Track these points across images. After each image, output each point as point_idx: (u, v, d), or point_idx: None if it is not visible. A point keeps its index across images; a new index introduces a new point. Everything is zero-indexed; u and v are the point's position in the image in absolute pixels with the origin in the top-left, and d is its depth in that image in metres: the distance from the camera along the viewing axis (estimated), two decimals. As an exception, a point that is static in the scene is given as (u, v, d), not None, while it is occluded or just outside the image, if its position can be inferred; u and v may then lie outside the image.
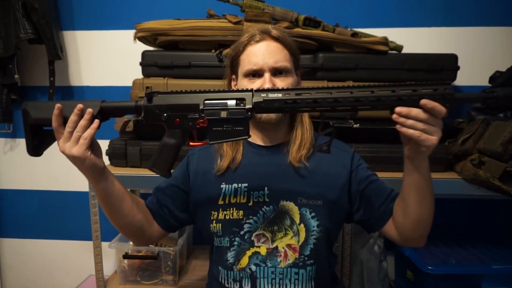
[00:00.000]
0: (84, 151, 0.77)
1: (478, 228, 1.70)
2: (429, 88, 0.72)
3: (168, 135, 0.81)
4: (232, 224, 0.93)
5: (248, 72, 0.93)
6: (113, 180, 0.86)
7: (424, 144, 0.71)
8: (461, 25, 1.63)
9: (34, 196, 1.90)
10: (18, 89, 1.77)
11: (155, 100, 0.80)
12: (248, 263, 0.92)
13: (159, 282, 1.45)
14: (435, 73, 1.37)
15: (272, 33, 0.93)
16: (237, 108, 0.77)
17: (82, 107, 0.77)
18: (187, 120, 0.79)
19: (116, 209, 0.88)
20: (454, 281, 1.31)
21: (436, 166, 1.32)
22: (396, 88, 0.73)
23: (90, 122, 0.77)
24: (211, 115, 0.77)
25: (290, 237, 0.91)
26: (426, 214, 0.84)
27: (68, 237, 1.92)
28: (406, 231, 0.88)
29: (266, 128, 0.98)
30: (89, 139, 0.76)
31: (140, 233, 0.96)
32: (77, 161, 0.78)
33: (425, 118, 0.70)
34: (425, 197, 0.82)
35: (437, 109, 0.70)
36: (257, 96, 0.77)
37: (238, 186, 0.95)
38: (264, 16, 1.34)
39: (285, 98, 0.75)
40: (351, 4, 1.65)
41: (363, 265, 1.51)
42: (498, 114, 1.37)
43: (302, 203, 0.92)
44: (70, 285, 1.89)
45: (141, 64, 1.42)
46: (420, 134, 0.70)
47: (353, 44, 1.37)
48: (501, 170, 1.15)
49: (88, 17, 1.75)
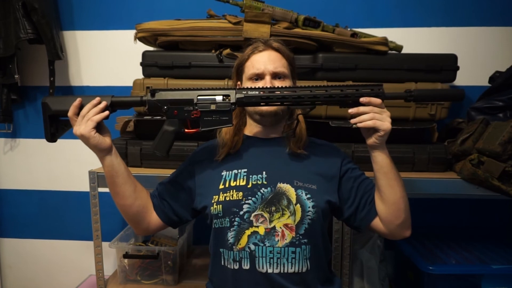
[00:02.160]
0: (90, 130, 0.92)
1: (477, 228, 1.70)
2: (368, 88, 0.93)
3: (167, 123, 0.98)
4: (232, 205, 0.99)
5: (251, 75, 1.06)
6: (119, 162, 0.99)
7: (381, 128, 0.90)
8: (461, 25, 1.63)
9: (34, 196, 1.90)
10: (18, 89, 1.77)
11: (157, 95, 0.98)
12: (247, 242, 0.97)
13: (159, 281, 1.45)
14: (435, 73, 1.38)
15: (273, 44, 1.08)
16: (224, 102, 0.97)
17: (99, 99, 0.95)
18: (183, 111, 0.97)
19: (118, 188, 1.00)
20: (454, 281, 1.31)
21: (436, 166, 1.33)
22: (343, 88, 0.94)
23: (101, 111, 0.94)
24: (203, 108, 0.97)
25: (287, 217, 0.97)
26: (399, 195, 0.96)
27: (68, 237, 1.92)
28: (388, 218, 0.99)
29: (266, 123, 1.08)
30: (95, 121, 0.93)
31: (138, 219, 1.05)
32: (84, 139, 0.93)
33: (369, 109, 0.91)
34: (394, 179, 0.96)
35: (373, 101, 0.91)
36: (239, 93, 0.97)
37: (238, 171, 1.04)
38: (264, 16, 1.34)
39: (260, 94, 0.96)
40: (351, 4, 1.66)
41: (363, 265, 1.51)
42: (497, 114, 1.37)
43: (298, 186, 1.00)
44: (70, 285, 1.89)
45: (142, 64, 1.42)
46: (374, 122, 0.90)
47: (353, 44, 1.38)
48: (500, 170, 1.15)
49: (88, 17, 1.75)
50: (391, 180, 0.96)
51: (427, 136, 1.45)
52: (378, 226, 1.02)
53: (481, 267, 1.31)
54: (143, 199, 1.05)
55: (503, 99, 1.37)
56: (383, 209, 0.99)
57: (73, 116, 0.95)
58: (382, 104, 0.92)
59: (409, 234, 1.02)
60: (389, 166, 0.96)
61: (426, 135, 1.45)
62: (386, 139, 0.94)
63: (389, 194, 0.96)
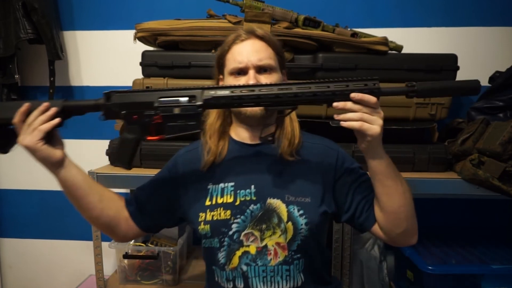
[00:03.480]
0: (36, 141, 0.81)
1: (478, 228, 1.70)
2: (360, 84, 0.79)
3: (127, 130, 0.88)
4: (220, 225, 0.93)
5: (233, 70, 0.94)
6: (75, 174, 0.88)
7: (368, 133, 0.77)
8: (461, 25, 1.63)
9: (34, 196, 1.90)
10: (18, 89, 1.77)
11: (113, 98, 0.86)
12: (238, 263, 0.92)
13: (159, 282, 1.45)
14: (435, 73, 1.37)
15: (257, 32, 0.96)
16: (189, 104, 0.83)
17: (48, 104, 0.83)
18: (143, 116, 0.86)
19: (80, 201, 0.91)
20: (454, 281, 1.31)
21: (436, 166, 1.32)
22: (330, 84, 0.80)
23: (50, 119, 0.82)
24: (165, 112, 0.84)
25: (278, 235, 0.91)
26: (398, 204, 0.86)
27: (68, 237, 1.92)
28: (387, 227, 0.90)
29: (252, 124, 0.98)
30: (43, 131, 0.81)
31: (111, 229, 0.98)
32: (30, 151, 0.82)
33: (359, 109, 0.77)
34: (391, 187, 0.85)
35: (365, 99, 0.76)
36: (207, 93, 0.83)
37: (225, 186, 0.95)
38: (264, 16, 1.34)
39: (231, 95, 0.82)
40: (351, 4, 1.65)
41: (363, 265, 1.51)
42: (497, 114, 1.37)
43: (290, 201, 0.92)
44: (70, 285, 1.89)
45: (141, 64, 1.42)
46: (361, 124, 0.76)
47: (353, 44, 1.38)
48: (501, 170, 1.15)
49: (88, 17, 1.75)
50: (388, 188, 0.85)
51: (427, 136, 1.45)
52: (378, 233, 0.94)
53: (481, 267, 1.31)
54: (113, 209, 0.96)
55: (503, 99, 1.37)
56: (381, 217, 0.90)
57: (19, 123, 0.83)
58: (377, 103, 0.78)
59: (414, 241, 0.93)
60: (385, 173, 0.84)
61: (426, 135, 1.45)
62: (380, 142, 0.81)
63: (387, 202, 0.87)
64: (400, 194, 0.86)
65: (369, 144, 0.80)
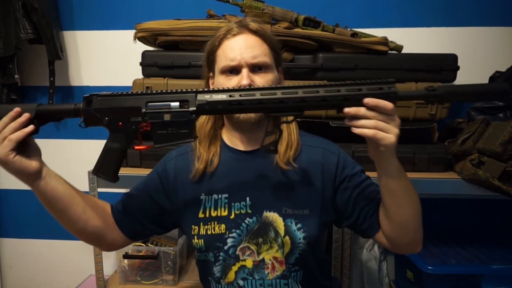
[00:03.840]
0: (7, 153, 0.70)
1: (478, 228, 1.70)
2: (374, 87, 0.71)
3: (111, 138, 0.78)
4: (215, 239, 0.88)
5: (224, 68, 0.86)
6: (54, 184, 0.79)
7: (382, 143, 0.69)
8: (461, 25, 1.63)
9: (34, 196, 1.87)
10: (18, 89, 1.77)
11: (95, 103, 0.77)
12: (235, 278, 0.89)
13: (159, 282, 1.45)
14: (435, 73, 1.37)
15: (250, 26, 0.86)
16: (181, 110, 0.74)
17: (19, 110, 0.72)
18: (130, 123, 0.76)
19: (62, 214, 0.82)
20: (454, 281, 1.31)
21: (436, 166, 1.32)
22: (341, 88, 0.71)
23: (22, 126, 0.72)
24: (154, 118, 0.75)
25: (275, 250, 0.87)
26: (408, 216, 0.80)
27: (68, 237, 1.92)
28: (393, 236, 0.84)
29: (246, 129, 0.91)
30: (14, 141, 0.71)
31: (97, 240, 0.91)
32: (1, 164, 0.73)
33: (373, 116, 0.68)
34: (402, 198, 0.78)
35: (381, 105, 0.68)
36: (201, 97, 0.74)
37: (218, 197, 0.90)
38: (264, 16, 1.34)
39: (229, 99, 0.73)
40: (351, 4, 1.65)
41: (363, 265, 1.51)
42: (497, 114, 1.37)
43: (287, 214, 0.87)
44: (70, 285, 1.89)
45: (141, 64, 1.42)
46: (375, 132, 0.68)
47: (353, 44, 1.37)
48: (501, 170, 1.15)
49: (88, 17, 1.75)
50: (399, 199, 0.78)
51: (427, 136, 1.45)
52: (382, 241, 0.88)
53: (481, 267, 1.31)
54: (99, 218, 0.87)
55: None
56: (387, 226, 0.84)
57: None
58: (393, 110, 0.69)
59: (419, 250, 0.88)
60: (397, 184, 0.77)
61: (426, 135, 1.45)
62: (394, 152, 0.73)
63: (396, 213, 0.80)
64: (411, 205, 0.80)
65: (381, 154, 0.72)
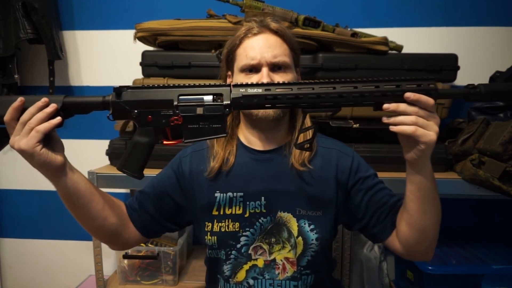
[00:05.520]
0: (34, 144, 0.67)
1: (478, 228, 1.70)
2: (413, 84, 0.70)
3: (139, 133, 0.76)
4: (228, 237, 0.89)
5: (244, 67, 0.87)
6: (77, 181, 0.77)
7: (422, 140, 0.67)
8: (461, 25, 1.63)
9: (34, 196, 1.90)
10: (18, 89, 1.76)
11: (125, 95, 0.74)
12: (245, 277, 0.89)
13: (159, 282, 1.45)
14: (435, 73, 1.37)
15: (271, 25, 0.87)
16: (214, 104, 0.72)
17: (47, 100, 0.70)
18: (160, 117, 0.73)
19: (82, 211, 0.80)
20: (454, 281, 1.31)
21: (436, 166, 1.31)
22: (380, 84, 0.70)
23: (49, 117, 0.69)
24: (186, 112, 0.72)
25: (287, 250, 0.88)
26: (431, 223, 0.79)
27: (68, 237, 1.92)
28: (411, 243, 0.82)
29: (263, 128, 0.91)
30: (41, 132, 0.68)
31: (113, 238, 0.89)
32: (26, 156, 0.69)
33: (414, 111, 0.67)
34: (430, 204, 0.77)
35: (422, 100, 0.67)
36: (236, 91, 0.72)
37: (234, 196, 0.90)
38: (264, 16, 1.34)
39: (265, 93, 0.71)
40: (351, 4, 1.65)
41: (363, 265, 1.51)
42: (498, 114, 1.37)
43: (301, 215, 0.88)
44: (70, 285, 1.89)
45: (141, 64, 1.42)
46: (415, 129, 0.67)
47: (353, 44, 1.37)
48: (501, 170, 1.15)
49: (88, 17, 1.75)
50: (426, 205, 0.76)
51: (427, 136, 1.45)
52: (394, 245, 0.87)
53: (481, 267, 1.31)
54: (116, 216, 0.86)
55: (504, 99, 1.37)
56: (406, 232, 0.81)
57: (11, 121, 0.68)
58: (434, 106, 0.68)
59: (430, 258, 0.86)
60: (427, 189, 0.74)
61: (426, 135, 1.45)
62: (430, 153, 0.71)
63: (419, 220, 0.78)
64: (435, 211, 0.78)
65: (420, 153, 0.70)
